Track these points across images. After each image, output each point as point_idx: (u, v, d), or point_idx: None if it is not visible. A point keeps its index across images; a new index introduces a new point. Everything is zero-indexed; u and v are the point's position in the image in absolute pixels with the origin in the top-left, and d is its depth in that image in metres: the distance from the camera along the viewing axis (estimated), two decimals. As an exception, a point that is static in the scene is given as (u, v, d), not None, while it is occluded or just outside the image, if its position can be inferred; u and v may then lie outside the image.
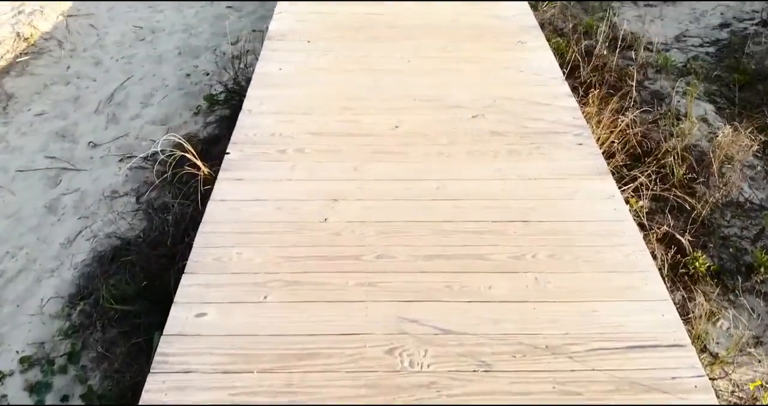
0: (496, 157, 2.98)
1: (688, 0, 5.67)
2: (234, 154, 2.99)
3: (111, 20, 5.93)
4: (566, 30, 5.15)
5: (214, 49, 5.21)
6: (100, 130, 4.34)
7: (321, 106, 3.41)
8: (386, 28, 4.31)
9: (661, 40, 5.03)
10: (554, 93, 3.49)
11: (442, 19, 4.41)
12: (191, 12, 5.95)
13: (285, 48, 4.03)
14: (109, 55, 5.33)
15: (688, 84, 4.36)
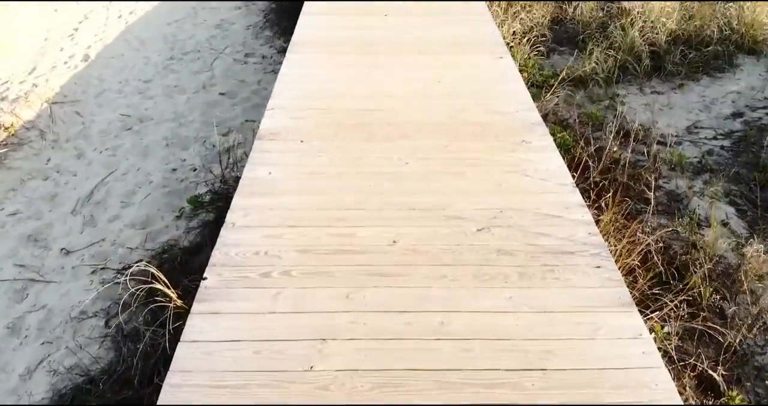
0: (506, 281, 2.66)
1: (696, 84, 5.52)
2: (211, 280, 2.67)
3: (99, 107, 5.75)
4: (571, 120, 4.96)
5: (204, 141, 4.99)
6: (74, 234, 4.04)
7: (312, 217, 3.13)
8: (384, 125, 4.09)
9: (672, 132, 4.83)
10: (565, 203, 3.21)
11: (441, 115, 4.19)
12: (182, 99, 5.77)
13: (276, 149, 3.78)
14: (93, 146, 5.11)
15: (705, 183, 4.10)
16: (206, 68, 6.36)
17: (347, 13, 6.10)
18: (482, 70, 4.88)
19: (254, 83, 5.96)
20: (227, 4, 8.05)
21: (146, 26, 7.44)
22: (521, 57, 5.64)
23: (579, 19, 6.57)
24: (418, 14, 6.09)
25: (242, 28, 7.29)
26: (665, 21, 6.00)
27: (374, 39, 5.49)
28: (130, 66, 6.47)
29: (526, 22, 6.36)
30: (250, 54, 6.62)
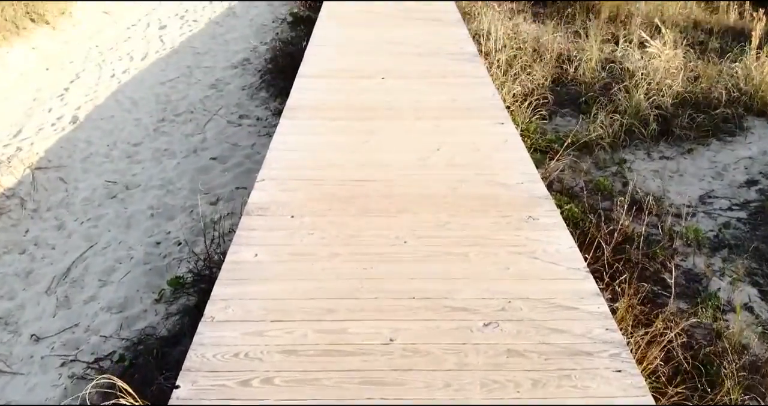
0: (517, 391, 2.35)
1: (706, 149, 5.32)
2: (185, 389, 2.35)
3: (84, 173, 5.52)
4: (577, 188, 4.72)
5: (191, 211, 4.74)
6: (47, 318, 3.74)
7: (300, 309, 2.83)
8: (380, 197, 3.84)
9: (685, 201, 4.58)
10: (578, 291, 2.92)
11: (441, 186, 3.95)
12: (172, 164, 5.56)
13: (264, 226, 3.52)
14: (75, 216, 4.85)
15: (724, 261, 3.83)
16: (198, 130, 6.17)
17: (344, 76, 5.95)
18: (483, 136, 4.67)
19: (247, 147, 5.76)
20: (223, 64, 7.95)
21: (139, 86, 7.31)
22: (522, 121, 5.45)
23: (581, 80, 6.44)
24: (416, 77, 5.94)
25: (237, 88, 7.15)
26: (670, 83, 5.85)
27: (371, 103, 5.32)
28: (120, 128, 6.29)
29: (526, 83, 6.21)
30: (245, 116, 6.45)
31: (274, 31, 8.95)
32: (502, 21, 8.55)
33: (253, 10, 10.20)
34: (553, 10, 10.04)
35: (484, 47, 7.13)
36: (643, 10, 9.55)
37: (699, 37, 8.40)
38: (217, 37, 8.95)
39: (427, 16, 8.14)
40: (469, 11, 9.37)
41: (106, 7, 9.95)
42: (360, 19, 7.93)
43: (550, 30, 8.13)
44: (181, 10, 10.17)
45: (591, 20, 9.11)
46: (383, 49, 6.76)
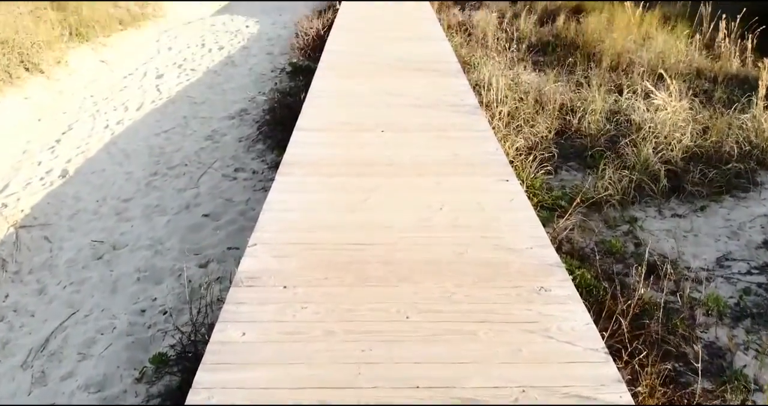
0: None
1: (719, 206, 5.10)
2: None
3: (70, 231, 5.29)
4: (587, 249, 4.48)
5: (179, 275, 4.48)
6: (21, 395, 3.45)
7: (290, 400, 2.55)
8: (380, 265, 3.59)
9: (701, 264, 4.34)
10: (598, 377, 2.65)
11: (445, 251, 3.71)
12: (162, 221, 5.33)
13: (254, 299, 3.26)
14: (58, 279, 4.60)
15: (747, 332, 3.56)
16: (192, 185, 5.97)
17: (342, 129, 5.78)
18: (487, 194, 4.45)
19: (242, 203, 5.55)
20: (220, 114, 7.82)
21: (133, 137, 7.15)
22: (527, 176, 5.25)
23: (586, 133, 6.27)
24: (416, 130, 5.77)
25: (234, 140, 6.99)
26: (679, 136, 5.67)
27: (370, 158, 5.13)
28: (111, 182, 6.09)
29: (529, 136, 6.05)
30: (240, 169, 6.26)
31: (273, 81, 8.87)
32: (503, 71, 8.47)
33: (252, 59, 10.16)
34: (553, 59, 10.00)
35: (485, 98, 7.00)
36: (645, 58, 9.49)
37: (703, 86, 8.31)
38: (215, 86, 8.86)
39: (426, 67, 8.04)
40: (468, 61, 9.32)
41: (103, 55, 9.92)
42: (359, 70, 7.82)
43: (552, 79, 8.03)
44: (180, 58, 10.13)
45: (592, 69, 9.02)
46: (382, 100, 6.62)
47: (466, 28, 11.66)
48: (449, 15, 12.27)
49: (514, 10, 12.66)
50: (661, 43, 10.19)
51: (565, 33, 11.01)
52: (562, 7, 12.64)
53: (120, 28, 11.44)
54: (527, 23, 11.59)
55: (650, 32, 11.09)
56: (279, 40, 11.69)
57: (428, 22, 11.14)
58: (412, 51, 8.84)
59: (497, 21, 11.74)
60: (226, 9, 16.88)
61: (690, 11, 11.88)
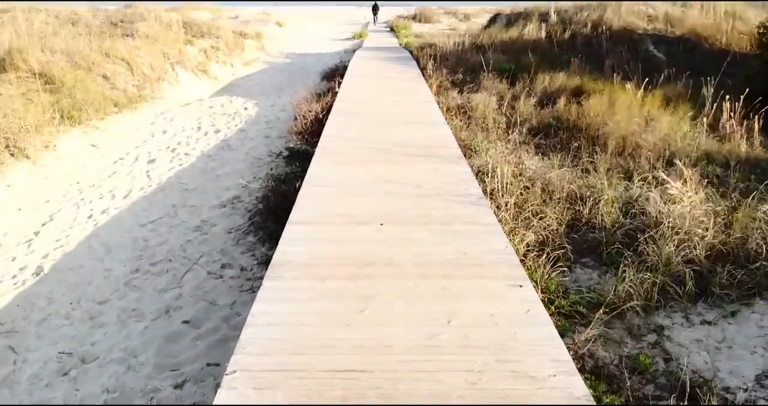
0: None
1: (751, 311, 4.61)
2: None
3: (38, 339, 4.78)
4: (612, 366, 3.97)
5: (151, 398, 3.94)
6: None
7: None
8: (378, 400, 3.08)
9: (738, 382, 3.82)
10: None
11: (456, 380, 3.21)
12: (138, 328, 4.83)
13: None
14: (18, 398, 4.05)
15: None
16: (174, 284, 5.50)
17: (339, 223, 5.38)
18: (500, 303, 3.99)
19: (227, 306, 5.06)
20: (212, 202, 7.45)
21: (117, 229, 6.73)
22: (540, 278, 4.80)
23: (599, 225, 5.87)
24: (417, 223, 5.38)
25: (223, 231, 6.57)
26: (701, 233, 5.26)
27: (368, 257, 4.70)
28: (87, 281, 5.61)
29: (539, 230, 5.63)
30: (228, 265, 5.81)
31: (268, 166, 8.56)
32: (506, 156, 8.19)
33: (249, 143, 9.92)
34: (556, 142, 9.77)
35: (489, 186, 6.66)
36: (650, 141, 9.25)
37: (715, 171, 7.99)
38: (209, 171, 8.55)
39: (427, 152, 7.76)
40: (469, 145, 9.06)
41: (94, 139, 9.67)
42: (357, 156, 7.53)
43: (556, 164, 7.72)
44: (174, 142, 9.88)
45: (597, 153, 8.75)
46: (381, 189, 6.26)
47: (465, 110, 11.51)
48: (448, 98, 12.16)
49: (513, 92, 12.57)
50: (666, 125, 10.00)
51: (567, 115, 10.83)
52: (562, 89, 12.57)
53: (115, 111, 11.28)
54: (527, 105, 11.46)
55: (652, 113, 10.95)
56: (277, 122, 11.52)
57: (427, 106, 11.01)
58: (412, 135, 8.60)
59: (497, 103, 11.62)
60: (225, 90, 16.96)
61: (691, 91, 11.84)
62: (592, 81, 12.97)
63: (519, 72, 14.28)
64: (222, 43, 21.37)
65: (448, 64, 15.91)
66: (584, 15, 19.25)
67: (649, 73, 13.23)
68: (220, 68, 19.45)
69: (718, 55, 16.82)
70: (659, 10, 19.15)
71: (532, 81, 13.37)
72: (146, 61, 14.81)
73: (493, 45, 18.20)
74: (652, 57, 17.27)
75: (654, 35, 18.00)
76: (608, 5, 19.57)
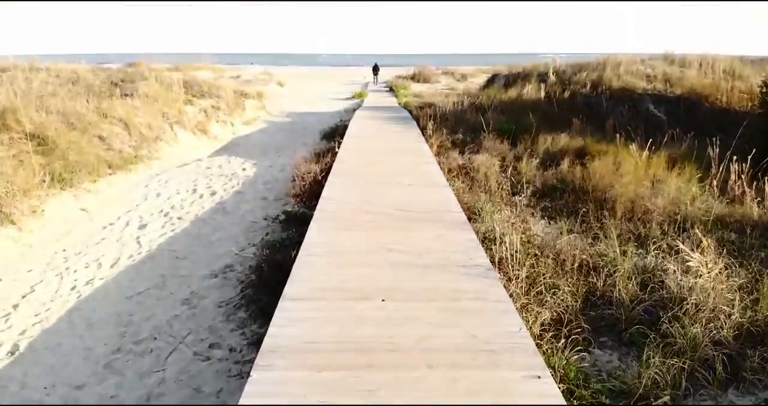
0: None
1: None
2: None
3: (2, 433, 4.29)
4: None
5: None
6: None
7: None
8: None
9: None
10: None
11: None
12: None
13: None
14: None
15: None
16: (158, 366, 5.05)
17: (337, 298, 5.00)
18: (518, 400, 3.57)
19: (212, 394, 4.60)
20: (202, 271, 7.06)
21: (101, 302, 6.31)
22: (558, 363, 4.37)
23: (616, 299, 5.47)
24: (422, 299, 4.99)
25: (213, 304, 6.16)
26: (727, 310, 4.87)
27: (369, 341, 4.28)
28: (65, 362, 5.17)
29: (553, 305, 5.24)
30: (216, 345, 5.37)
31: (264, 231, 8.21)
32: (512, 222, 7.87)
33: (245, 206, 9.60)
34: (562, 205, 9.48)
35: (496, 254, 6.30)
36: (660, 206, 8.96)
37: (729, 237, 7.65)
38: (202, 237, 8.19)
39: (430, 217, 7.44)
40: (472, 207, 8.76)
41: (85, 203, 9.36)
42: (357, 221, 7.20)
43: (565, 230, 7.39)
44: (168, 206, 9.56)
45: (606, 217, 8.43)
46: (383, 259, 5.90)
47: (467, 171, 11.27)
48: (449, 158, 11.96)
49: (515, 154, 12.38)
50: (674, 187, 9.75)
51: (572, 177, 10.58)
52: (565, 149, 12.38)
53: (109, 172, 11.02)
54: (530, 167, 11.23)
55: (658, 175, 10.72)
56: (275, 183, 11.25)
57: (428, 167, 10.77)
58: (414, 199, 8.31)
59: (499, 165, 11.40)
60: (225, 149, 16.81)
61: (696, 152, 11.68)
62: (595, 142, 12.81)
63: (520, 132, 14.15)
64: (223, 102, 21.41)
65: (448, 124, 15.80)
66: (583, 75, 19.35)
67: (650, 132, 13.12)
68: (221, 127, 19.39)
69: (719, 114, 16.82)
70: (658, 69, 19.25)
71: (534, 142, 13.21)
72: (144, 121, 14.69)
73: (493, 105, 18.21)
74: (653, 116, 17.24)
75: (654, 95, 18.04)
76: (607, 65, 19.70)
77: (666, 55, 21.06)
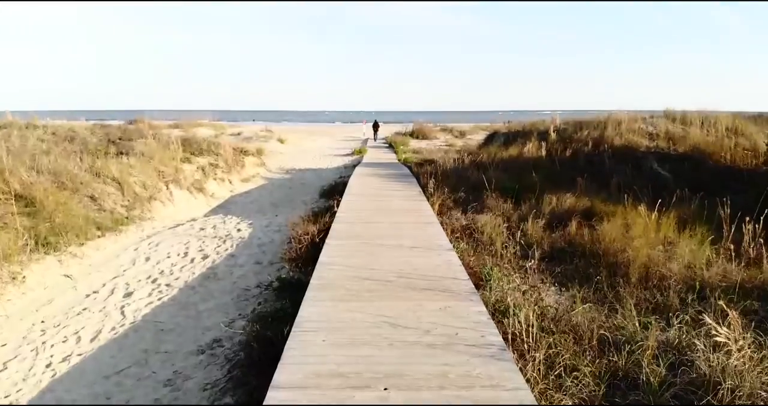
0: None
1: None
2: None
3: None
4: None
5: None
6: None
7: None
8: None
9: None
10: None
11: None
12: None
13: None
14: None
15: None
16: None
17: (332, 387, 4.47)
18: None
19: None
20: (188, 346, 6.51)
21: (77, 381, 5.75)
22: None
23: (642, 383, 4.93)
24: (430, 387, 4.48)
25: (198, 387, 5.59)
26: (765, 395, 4.35)
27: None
28: (27, 458, 4.58)
29: (575, 392, 4.70)
30: (199, 438, 4.80)
31: (257, 300, 7.70)
32: (523, 292, 7.37)
33: (237, 271, 9.11)
34: (572, 269, 9.01)
35: (509, 328, 5.80)
36: (675, 271, 8.50)
37: (753, 306, 7.16)
38: (190, 307, 7.66)
39: (435, 286, 6.96)
40: (478, 272, 8.29)
41: (69, 268, 8.88)
42: (356, 290, 6.72)
43: (579, 298, 6.89)
44: (156, 271, 9.07)
45: (620, 284, 7.96)
46: (384, 336, 5.41)
47: (470, 232, 10.84)
48: (451, 218, 11.55)
49: (520, 214, 11.97)
50: (687, 250, 9.31)
51: (580, 240, 10.14)
52: (571, 210, 11.99)
53: (98, 234, 10.57)
54: (536, 228, 10.80)
55: (669, 236, 10.30)
56: (271, 245, 10.79)
57: (431, 228, 10.35)
58: (416, 263, 7.85)
59: (503, 225, 10.97)
60: (222, 208, 16.44)
61: (707, 212, 11.32)
62: (601, 201, 12.44)
63: (523, 191, 13.81)
64: (221, 160, 21.21)
65: (449, 182, 15.47)
66: (584, 133, 19.18)
67: (656, 191, 12.78)
68: (218, 185, 19.09)
69: (724, 172, 16.53)
70: (660, 127, 19.10)
71: (538, 201, 12.85)
72: (139, 180, 14.36)
73: (494, 163, 17.96)
74: (658, 175, 16.95)
75: (657, 153, 17.80)
76: (608, 123, 19.56)
77: (667, 113, 20.95)
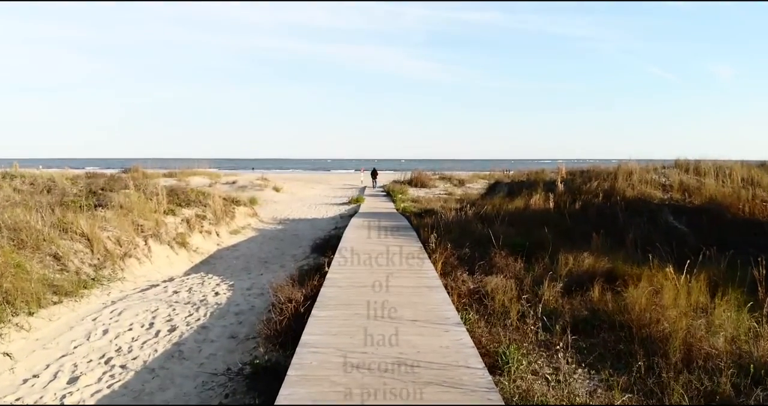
0: None
1: None
2: None
3: None
4: None
5: None
6: None
7: None
8: None
9: None
10: None
11: None
12: None
13: None
14: None
15: None
16: None
17: None
18: None
19: None
20: None
21: None
22: None
23: None
24: None
25: None
26: None
27: None
28: None
29: None
30: None
31: (224, 392, 6.33)
32: (546, 375, 6.07)
33: (208, 348, 7.75)
34: (599, 344, 7.73)
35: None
36: (719, 348, 7.28)
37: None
38: (144, 398, 6.29)
39: (442, 379, 5.66)
40: (492, 351, 7.01)
41: (10, 345, 7.54)
42: (344, 384, 5.42)
43: (617, 391, 5.60)
44: (112, 348, 7.70)
45: (660, 366, 6.70)
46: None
47: (479, 297, 9.56)
48: (457, 281, 10.26)
49: (533, 276, 10.69)
50: (726, 320, 8.12)
51: (604, 307, 8.86)
52: (591, 271, 10.72)
53: (53, 301, 9.24)
54: (552, 292, 9.51)
55: (701, 302, 9.09)
56: (250, 314, 9.45)
57: (434, 294, 9.04)
58: (420, 344, 6.53)
59: (515, 289, 9.68)
60: (204, 264, 15.17)
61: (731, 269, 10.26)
62: (622, 261, 11.20)
63: (534, 248, 12.58)
64: (210, 211, 20.02)
65: (451, 236, 14.22)
66: (594, 184, 18.10)
67: (674, 246, 11.70)
68: (204, 239, 17.84)
69: (744, 225, 15.44)
70: (673, 178, 18.05)
71: (552, 260, 11.60)
72: (113, 236, 13.11)
73: (500, 215, 16.78)
74: (674, 228, 15.80)
75: (672, 205, 16.72)
76: (618, 174, 18.52)
77: (678, 163, 19.97)
